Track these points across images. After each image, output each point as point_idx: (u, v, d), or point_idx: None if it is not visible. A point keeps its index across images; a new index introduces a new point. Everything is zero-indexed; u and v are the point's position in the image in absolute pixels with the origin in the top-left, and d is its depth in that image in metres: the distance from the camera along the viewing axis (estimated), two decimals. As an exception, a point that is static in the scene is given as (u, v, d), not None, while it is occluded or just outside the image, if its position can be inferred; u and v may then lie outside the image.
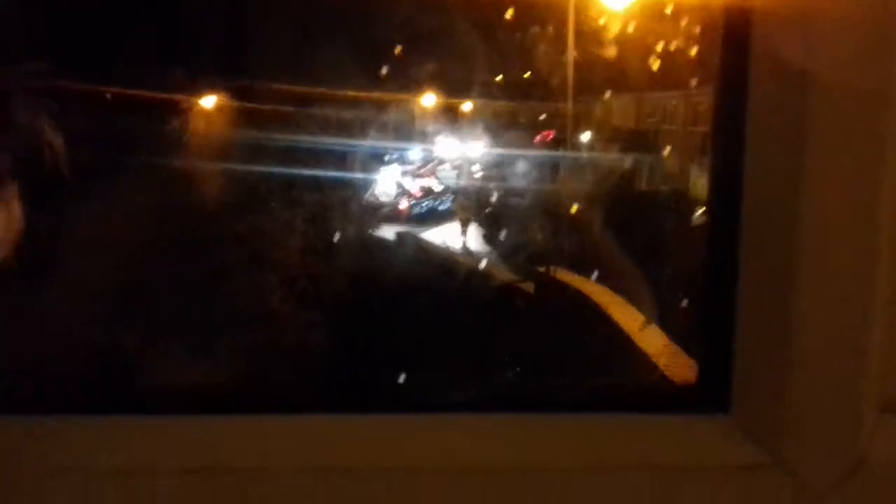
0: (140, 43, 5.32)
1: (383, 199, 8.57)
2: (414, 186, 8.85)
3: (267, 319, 5.30)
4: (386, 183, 8.49)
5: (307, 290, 5.70)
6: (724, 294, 1.35)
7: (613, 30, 6.65)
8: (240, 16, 6.26)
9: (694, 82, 6.77)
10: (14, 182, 0.66)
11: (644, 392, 1.48)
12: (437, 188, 8.98)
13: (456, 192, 8.85)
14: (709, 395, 1.38)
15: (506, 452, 1.37)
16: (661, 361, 5.30)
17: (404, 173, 8.86)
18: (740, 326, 1.35)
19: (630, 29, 6.57)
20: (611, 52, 6.72)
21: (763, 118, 1.30)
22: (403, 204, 8.63)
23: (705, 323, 1.40)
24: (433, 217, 8.65)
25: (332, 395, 1.53)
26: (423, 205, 8.77)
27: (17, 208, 0.64)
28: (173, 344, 4.29)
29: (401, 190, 8.73)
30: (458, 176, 8.96)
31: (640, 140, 7.65)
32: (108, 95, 5.48)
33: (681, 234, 6.82)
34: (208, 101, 6.46)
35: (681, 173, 7.37)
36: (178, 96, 6.01)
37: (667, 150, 7.65)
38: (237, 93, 6.34)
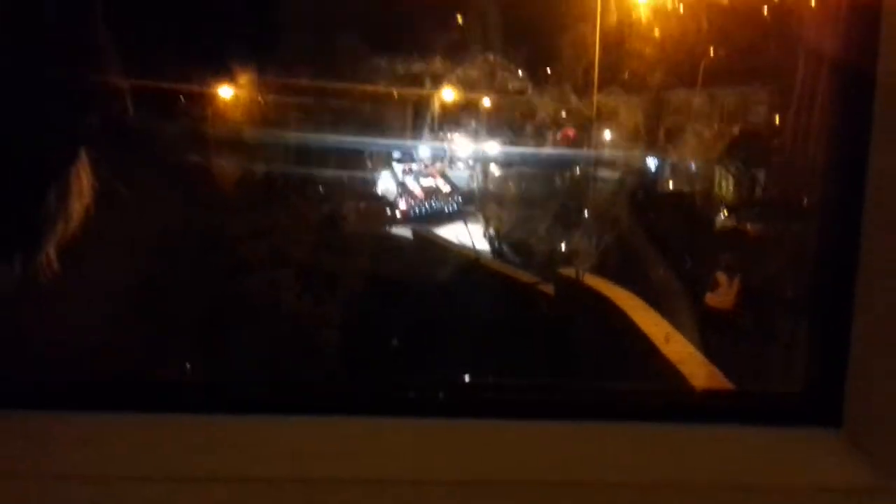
0: (161, 34, 5.22)
1: (384, 198, 8.33)
2: (417, 187, 8.66)
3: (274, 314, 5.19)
4: (387, 182, 8.28)
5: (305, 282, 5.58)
6: (839, 297, 1.21)
7: (639, 23, 6.50)
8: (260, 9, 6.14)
9: (725, 78, 6.65)
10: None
11: (744, 400, 1.33)
12: (444, 188, 8.77)
13: (466, 193, 8.67)
14: (818, 407, 1.23)
15: (585, 464, 1.22)
16: (685, 369, 5.15)
17: (407, 172, 8.67)
18: (856, 332, 1.20)
19: (655, 22, 6.42)
20: (635, 46, 6.57)
21: (893, 115, 1.15)
22: (403, 205, 8.43)
23: (816, 327, 1.25)
24: (435, 218, 8.44)
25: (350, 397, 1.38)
26: (425, 205, 8.57)
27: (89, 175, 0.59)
28: (194, 340, 4.18)
29: (402, 190, 8.54)
30: (472, 175, 8.80)
31: (666, 139, 7.50)
32: (129, 86, 5.38)
33: (701, 234, 6.69)
34: (225, 93, 6.35)
35: (705, 173, 7.23)
36: (195, 87, 5.90)
37: (691, 150, 7.49)
38: (255, 85, 6.24)
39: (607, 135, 7.39)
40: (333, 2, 6.73)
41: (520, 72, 7.43)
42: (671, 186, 7.43)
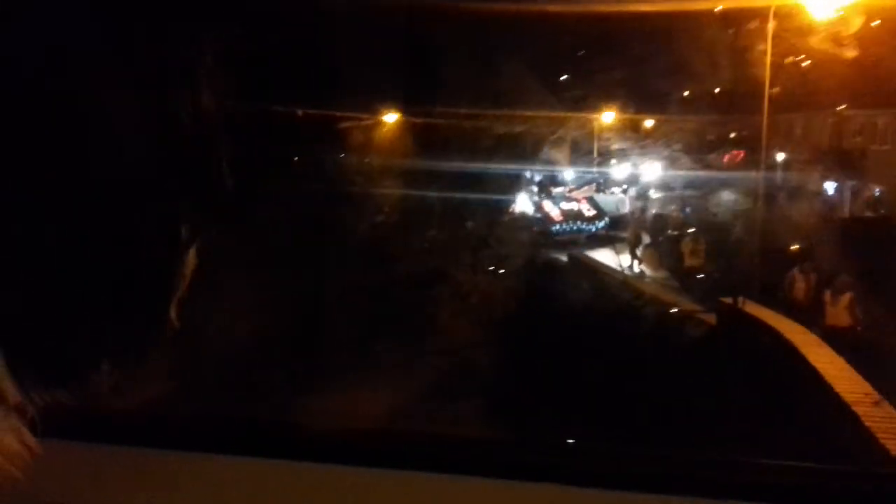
0: (321, 64, 5.63)
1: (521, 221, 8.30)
2: (555, 210, 8.60)
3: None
4: (524, 205, 8.28)
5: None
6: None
7: (817, 40, 6.08)
8: (418, 37, 6.40)
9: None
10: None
11: (822, 480, 1.25)
12: (588, 212, 8.66)
13: (614, 217, 8.49)
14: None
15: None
16: (861, 411, 4.69)
17: (546, 195, 8.68)
18: None
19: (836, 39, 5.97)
20: (813, 64, 6.15)
21: None
22: (537, 227, 8.38)
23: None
24: (571, 242, 8.33)
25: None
26: (561, 229, 8.51)
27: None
28: (340, 355, 4.46)
29: (539, 213, 8.52)
30: (624, 199, 8.63)
31: (843, 161, 6.92)
32: (299, 113, 5.86)
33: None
34: (389, 119, 6.70)
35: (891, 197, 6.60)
36: (353, 115, 6.29)
37: (872, 172, 6.86)
38: (418, 113, 6.50)
39: (780, 157, 6.94)
40: (497, 31, 6.87)
41: (686, 93, 7.18)
42: (848, 211, 6.84)
